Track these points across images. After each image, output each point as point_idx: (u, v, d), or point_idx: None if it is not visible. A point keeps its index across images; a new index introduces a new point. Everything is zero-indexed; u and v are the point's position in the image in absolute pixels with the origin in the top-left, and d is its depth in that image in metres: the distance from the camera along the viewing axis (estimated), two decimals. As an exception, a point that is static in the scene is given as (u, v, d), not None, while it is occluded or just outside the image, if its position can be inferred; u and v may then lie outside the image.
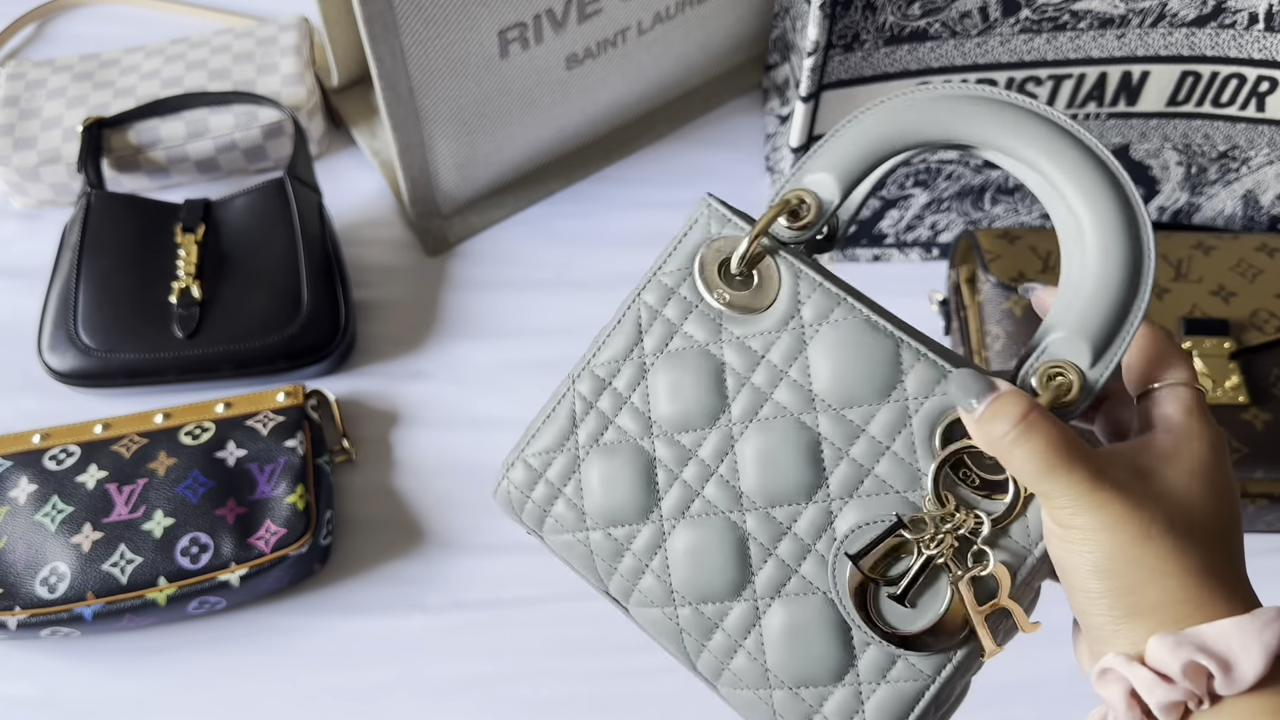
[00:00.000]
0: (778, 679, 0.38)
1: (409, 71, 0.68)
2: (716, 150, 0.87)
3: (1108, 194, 0.35)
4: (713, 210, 0.41)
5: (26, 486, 0.65)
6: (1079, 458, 0.33)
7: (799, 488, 0.38)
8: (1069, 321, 0.35)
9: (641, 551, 0.41)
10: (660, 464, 0.41)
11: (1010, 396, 0.34)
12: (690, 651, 0.41)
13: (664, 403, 0.40)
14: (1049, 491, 0.33)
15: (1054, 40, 0.66)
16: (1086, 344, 0.35)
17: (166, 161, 0.81)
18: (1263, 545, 0.69)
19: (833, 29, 0.64)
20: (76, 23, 0.94)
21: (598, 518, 0.42)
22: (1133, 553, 0.32)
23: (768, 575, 0.39)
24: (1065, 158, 0.36)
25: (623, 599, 0.42)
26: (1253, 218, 0.79)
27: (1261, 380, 0.67)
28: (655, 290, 0.42)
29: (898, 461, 0.37)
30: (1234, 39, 0.66)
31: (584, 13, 0.73)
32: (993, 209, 0.78)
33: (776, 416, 0.39)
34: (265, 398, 0.70)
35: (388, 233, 0.83)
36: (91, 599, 0.62)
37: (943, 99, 0.37)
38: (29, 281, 0.79)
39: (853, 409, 0.38)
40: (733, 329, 0.40)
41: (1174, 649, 0.31)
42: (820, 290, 0.39)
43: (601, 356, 0.42)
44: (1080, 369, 0.35)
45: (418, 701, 0.65)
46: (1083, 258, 0.35)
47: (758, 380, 0.39)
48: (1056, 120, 0.36)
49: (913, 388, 0.37)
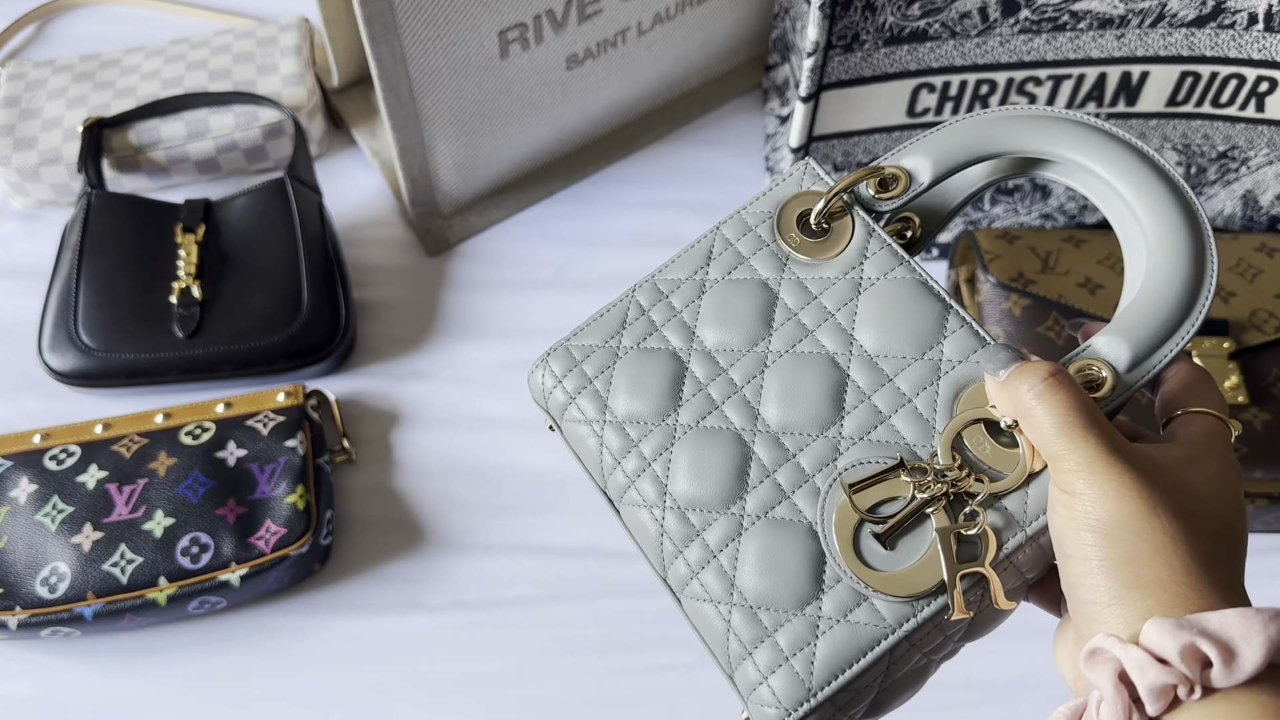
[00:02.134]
0: (741, 596, 0.39)
1: (409, 72, 0.69)
2: (716, 150, 0.87)
3: (1176, 214, 0.37)
4: (809, 169, 0.44)
5: (27, 486, 0.65)
6: (1097, 423, 0.34)
7: (815, 421, 0.40)
8: (1117, 324, 0.37)
9: (648, 452, 0.42)
10: (690, 374, 0.42)
11: (1039, 362, 0.36)
12: (666, 557, 0.41)
13: (711, 322, 0.42)
14: (1062, 452, 0.34)
15: (1054, 41, 0.66)
16: (1128, 347, 0.37)
17: (167, 162, 0.81)
18: (1263, 545, 0.69)
19: (832, 29, 0.64)
20: (77, 23, 0.94)
21: (618, 413, 0.43)
22: (1137, 524, 0.32)
23: (760, 496, 0.39)
24: (1136, 176, 0.38)
25: (616, 497, 0.43)
26: (1252, 218, 0.79)
27: (1261, 380, 0.67)
28: (735, 225, 0.44)
29: (916, 416, 0.38)
30: (1233, 39, 0.66)
31: (584, 13, 0.73)
32: (992, 209, 0.78)
33: (813, 352, 0.41)
34: (265, 398, 0.70)
35: (388, 233, 0.83)
36: (92, 599, 0.62)
37: (1030, 116, 0.40)
38: (29, 281, 0.79)
39: (886, 358, 0.39)
40: (795, 270, 0.42)
41: (1174, 631, 0.31)
42: (887, 249, 0.41)
43: (667, 273, 0.44)
44: (1116, 369, 0.36)
45: (418, 701, 0.65)
46: (1145, 273, 0.37)
47: (805, 317, 0.41)
48: (1133, 143, 0.39)
49: (950, 350, 0.39)
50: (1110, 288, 0.69)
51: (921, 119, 0.71)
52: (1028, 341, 0.68)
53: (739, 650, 0.38)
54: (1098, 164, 0.39)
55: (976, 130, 0.41)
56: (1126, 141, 0.39)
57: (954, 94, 0.69)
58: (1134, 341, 0.37)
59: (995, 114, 0.41)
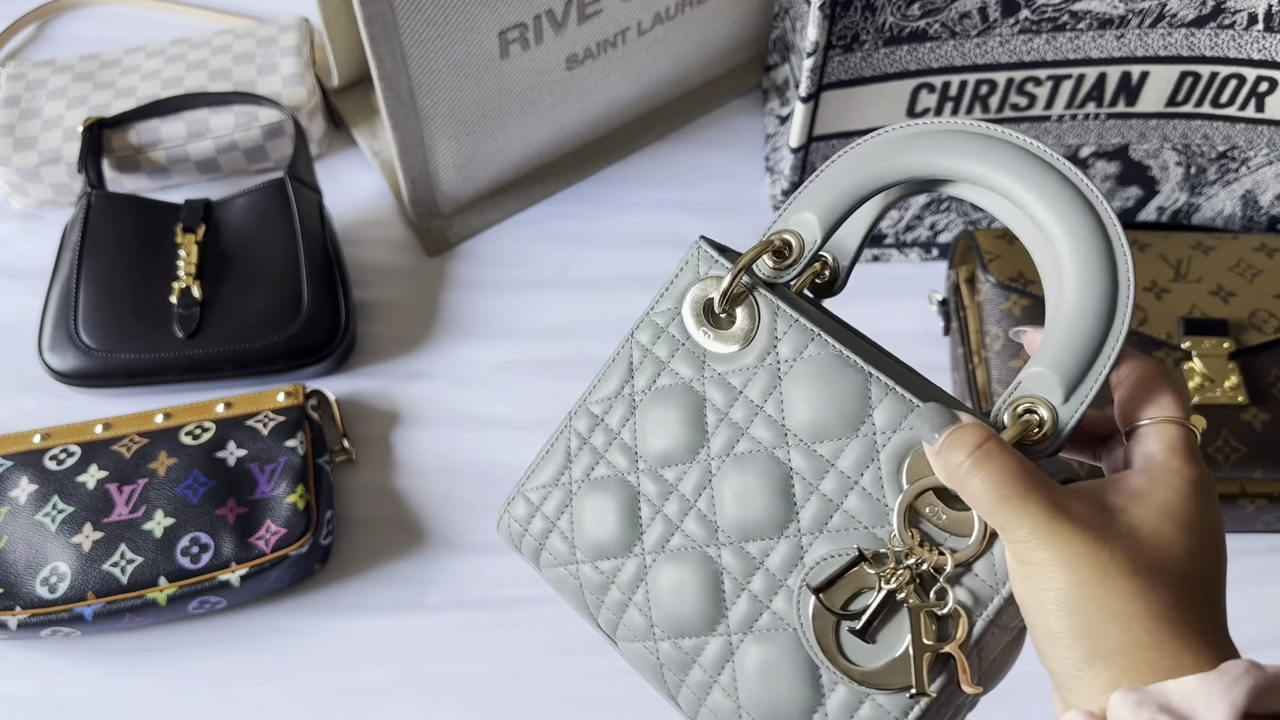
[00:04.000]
0: (750, 716, 0.38)
1: (409, 72, 0.69)
2: (716, 150, 0.87)
3: (1085, 225, 0.35)
4: (702, 252, 0.42)
5: (27, 486, 0.65)
6: (1035, 488, 0.32)
7: (771, 522, 0.39)
8: (1044, 357, 0.35)
9: (625, 585, 0.42)
10: (644, 498, 0.41)
11: (969, 427, 0.34)
12: (671, 687, 0.41)
13: (651, 438, 0.41)
14: (1006, 524, 0.32)
15: (1053, 41, 0.66)
16: (1059, 380, 0.34)
17: (167, 162, 0.81)
18: (1263, 545, 0.69)
19: (832, 29, 0.64)
20: (77, 23, 0.94)
21: (586, 551, 0.43)
22: (1091, 591, 0.31)
23: (741, 610, 0.39)
24: (1043, 188, 0.35)
25: (610, 632, 0.43)
26: (1252, 218, 0.79)
27: (1261, 380, 0.67)
28: (647, 329, 0.43)
29: (865, 497, 0.37)
30: (1233, 39, 0.66)
31: (584, 13, 0.73)
32: (992, 209, 0.78)
33: (752, 451, 0.39)
34: (266, 398, 0.70)
35: (388, 233, 0.83)
36: (92, 599, 0.62)
37: (920, 134, 0.37)
38: (29, 281, 0.79)
39: (823, 443, 0.38)
40: (715, 366, 0.41)
41: (1136, 708, 0.30)
42: (796, 326, 0.39)
43: (596, 394, 0.43)
44: (1053, 405, 0.35)
45: (418, 701, 0.65)
46: (1060, 292, 0.35)
47: (735, 415, 0.40)
48: (1035, 151, 0.35)
49: (880, 422, 0.37)
50: (1110, 288, 0.69)
51: (922, 119, 0.71)
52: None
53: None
54: (992, 176, 0.36)
55: (857, 168, 0.38)
56: (1021, 147, 0.36)
57: (954, 94, 0.70)
58: (1063, 371, 0.34)
59: (875, 141, 0.38)
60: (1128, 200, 0.78)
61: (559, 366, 0.76)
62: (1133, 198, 0.78)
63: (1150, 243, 0.72)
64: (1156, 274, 0.70)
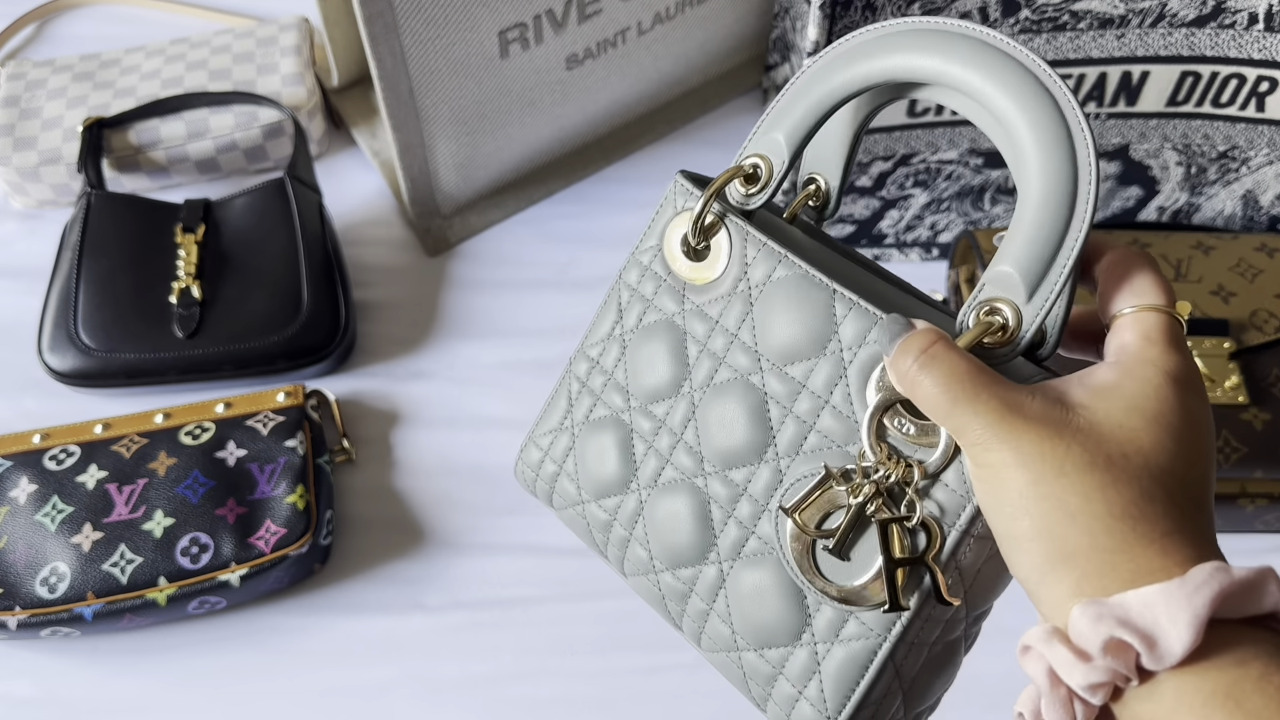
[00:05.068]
0: (745, 641, 0.39)
1: (409, 72, 0.69)
2: (716, 150, 0.87)
3: (1042, 113, 0.33)
4: (679, 185, 0.42)
5: (27, 486, 0.65)
6: (987, 387, 0.31)
7: (752, 448, 0.39)
8: (1007, 255, 0.33)
9: (626, 521, 0.42)
10: (638, 435, 0.42)
11: (918, 333, 0.33)
12: (674, 616, 0.42)
13: (640, 375, 0.42)
14: (959, 426, 0.31)
15: (1054, 40, 0.66)
16: (1021, 278, 0.33)
17: (167, 162, 0.81)
18: (1263, 545, 0.69)
19: (833, 29, 0.64)
20: (76, 23, 0.94)
21: (591, 491, 0.43)
22: (1046, 489, 0.29)
23: (729, 538, 0.39)
24: (1001, 78, 0.33)
25: (619, 569, 0.43)
26: (1252, 218, 0.79)
27: (1261, 380, 0.67)
28: (633, 268, 0.43)
29: (837, 414, 0.37)
30: (1234, 39, 0.66)
31: (584, 13, 0.73)
32: (992, 209, 0.78)
33: (730, 380, 0.39)
34: (265, 398, 0.70)
35: (388, 233, 0.83)
36: (92, 599, 0.62)
37: (878, 38, 0.36)
38: (29, 281, 0.79)
39: (795, 365, 0.38)
40: (694, 298, 0.41)
41: (1095, 622, 0.28)
42: (765, 250, 0.39)
43: (591, 337, 0.44)
44: (1016, 305, 0.33)
45: (418, 701, 0.65)
46: (1024, 186, 0.33)
47: (714, 345, 0.40)
48: (992, 42, 0.34)
49: (846, 338, 0.37)
50: (1110, 288, 0.69)
51: (922, 119, 0.71)
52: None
53: (760, 692, 0.38)
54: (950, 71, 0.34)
55: (816, 80, 0.37)
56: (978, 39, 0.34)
57: (954, 94, 0.69)
58: (1024, 267, 0.33)
59: (835, 51, 0.37)
60: (1128, 200, 0.78)
61: (559, 366, 0.76)
62: (1133, 197, 0.78)
63: (1150, 243, 0.72)
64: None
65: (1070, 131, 0.32)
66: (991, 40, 0.34)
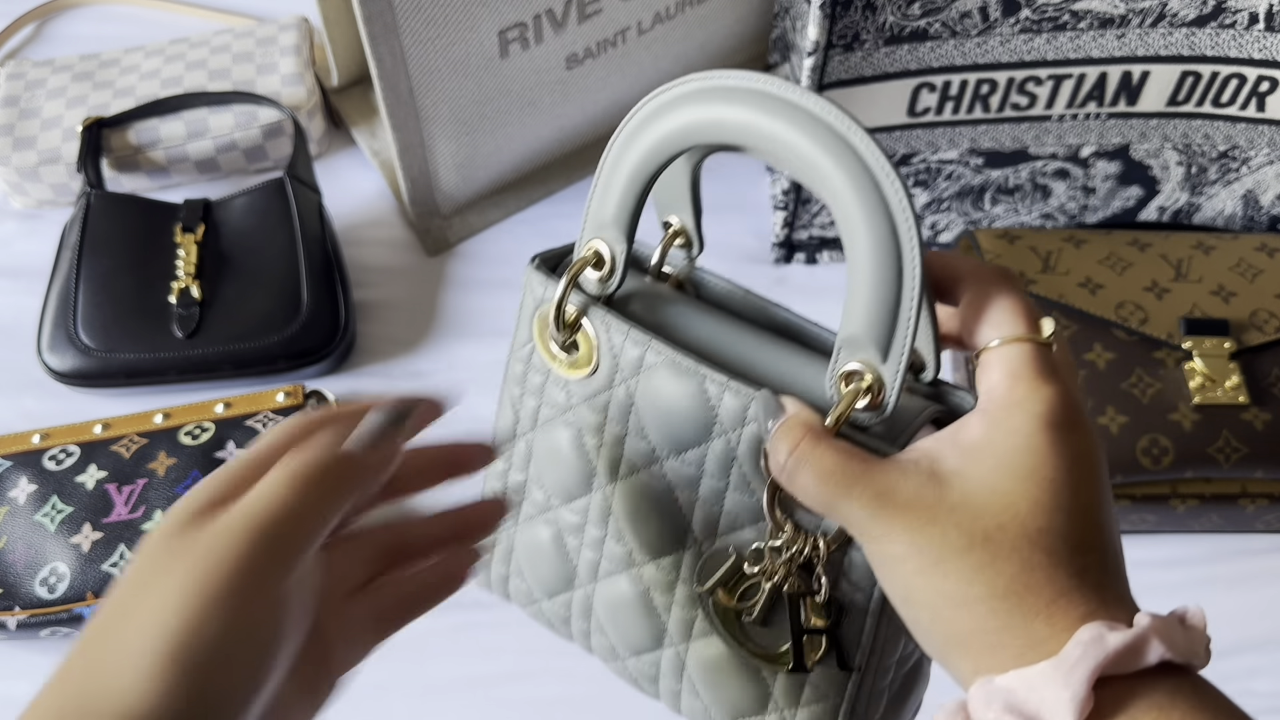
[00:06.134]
0: (719, 713, 0.39)
1: (409, 72, 0.68)
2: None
3: (846, 169, 0.31)
4: (534, 274, 0.40)
5: (26, 486, 0.65)
6: (857, 480, 0.30)
7: (672, 536, 0.38)
8: (850, 319, 0.32)
9: (580, 614, 0.42)
10: (566, 530, 0.41)
11: (784, 427, 0.32)
12: (653, 693, 0.42)
13: (552, 472, 0.41)
14: (840, 520, 0.31)
15: (1054, 40, 0.66)
16: (870, 341, 0.32)
17: (166, 161, 0.81)
18: (1264, 545, 0.69)
19: (833, 29, 0.64)
20: (76, 23, 0.94)
21: (540, 589, 0.43)
22: (927, 580, 0.29)
23: (676, 621, 0.39)
24: (808, 134, 0.31)
25: (595, 655, 0.44)
26: (1253, 218, 0.79)
27: (1262, 380, 0.67)
28: (516, 363, 0.42)
29: (739, 495, 0.36)
30: (1234, 39, 0.66)
31: (584, 13, 0.73)
32: (993, 209, 0.78)
33: (632, 473, 0.38)
34: (265, 398, 0.69)
35: (388, 233, 0.83)
36: (91, 599, 0.62)
37: (676, 99, 0.34)
38: (29, 281, 0.79)
39: (689, 452, 0.37)
40: (578, 390, 0.39)
41: (986, 704, 0.27)
42: (630, 337, 0.37)
43: (500, 436, 0.43)
44: (874, 366, 0.32)
45: (417, 701, 0.65)
46: (848, 245, 0.31)
47: (608, 438, 0.39)
48: (786, 95, 0.32)
49: (727, 420, 0.35)
50: (1111, 287, 0.69)
51: (922, 118, 0.71)
52: (1028, 341, 0.68)
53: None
54: (760, 124, 0.32)
55: (625, 156, 0.36)
56: (764, 91, 0.32)
57: (954, 93, 0.69)
58: (867, 327, 0.31)
59: (633, 124, 0.35)
60: (1128, 200, 0.78)
61: (559, 366, 0.76)
62: (1134, 197, 0.78)
63: (1151, 242, 0.72)
64: (1157, 273, 0.70)
65: (877, 182, 0.31)
66: (784, 94, 0.31)
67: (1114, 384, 0.66)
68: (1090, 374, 0.67)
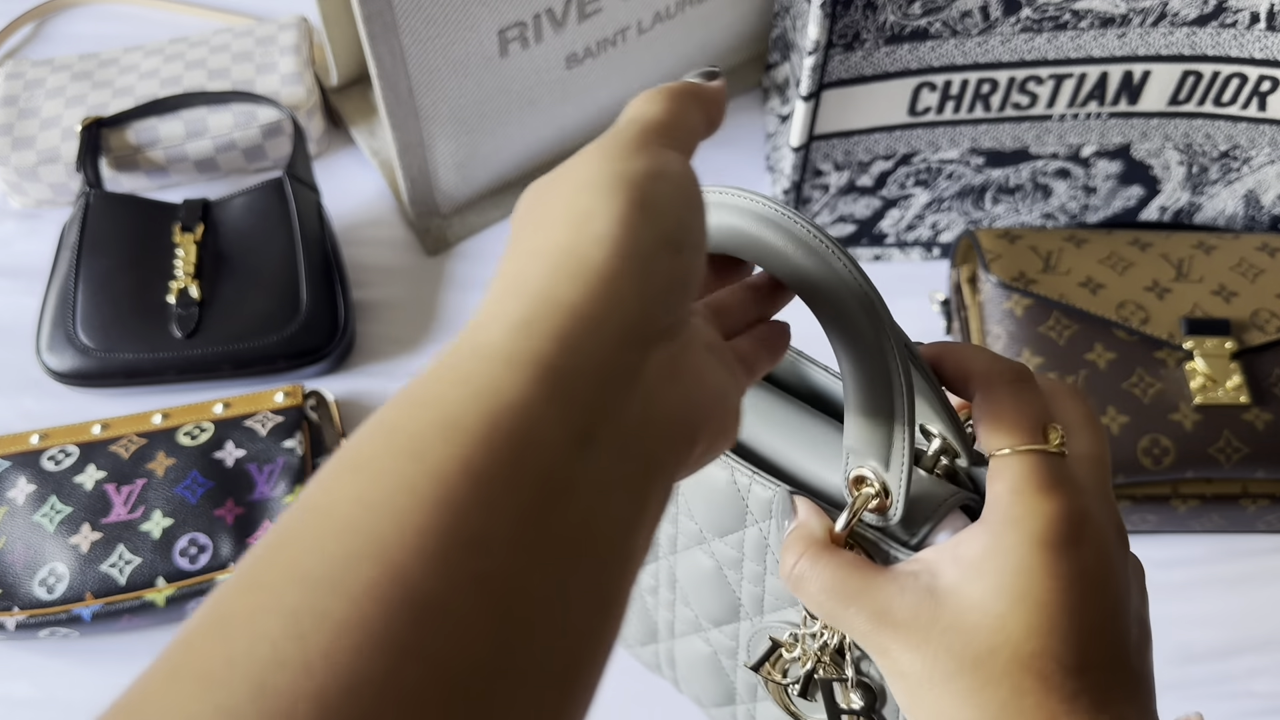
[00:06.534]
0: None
1: (408, 71, 0.68)
2: (716, 149, 0.87)
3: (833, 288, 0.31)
4: None
5: (25, 487, 0.65)
6: (854, 599, 0.30)
7: (728, 607, 0.40)
8: (849, 431, 0.33)
9: (666, 664, 0.46)
10: (645, 591, 0.44)
11: (792, 536, 0.32)
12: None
13: None
14: (845, 631, 0.31)
15: (1055, 39, 0.66)
16: (869, 452, 0.32)
17: (165, 161, 0.81)
18: (1263, 545, 0.69)
19: (833, 28, 0.64)
20: (75, 22, 0.94)
21: (633, 639, 0.47)
22: (920, 699, 0.29)
23: (743, 683, 0.42)
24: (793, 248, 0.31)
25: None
26: (1254, 217, 0.78)
27: (1263, 380, 0.66)
28: None
29: (774, 581, 0.38)
30: (1235, 38, 0.66)
31: (584, 12, 0.72)
32: (994, 208, 0.78)
33: (687, 548, 0.41)
34: (264, 398, 0.69)
35: (387, 232, 0.82)
36: (90, 600, 0.62)
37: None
38: (28, 281, 0.79)
39: (729, 535, 0.38)
40: None
41: None
42: None
43: None
44: (879, 472, 0.32)
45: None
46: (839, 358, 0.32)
47: (667, 518, 0.41)
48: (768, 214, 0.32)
49: (756, 510, 0.37)
50: (1112, 287, 0.69)
51: (923, 118, 0.71)
52: (1030, 341, 0.68)
53: None
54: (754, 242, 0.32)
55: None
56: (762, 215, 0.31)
57: (955, 93, 0.69)
58: (866, 441, 0.32)
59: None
60: (1130, 200, 0.78)
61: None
62: (1135, 197, 0.78)
63: (1152, 242, 0.72)
64: (1158, 273, 0.70)
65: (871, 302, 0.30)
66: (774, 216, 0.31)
67: (1115, 384, 0.66)
68: (1091, 374, 0.67)
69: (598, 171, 0.26)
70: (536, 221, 0.25)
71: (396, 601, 0.18)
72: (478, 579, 0.19)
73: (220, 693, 0.17)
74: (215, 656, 0.18)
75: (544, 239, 0.24)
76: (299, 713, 0.17)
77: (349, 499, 0.20)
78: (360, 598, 0.18)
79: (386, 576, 0.18)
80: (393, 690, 0.17)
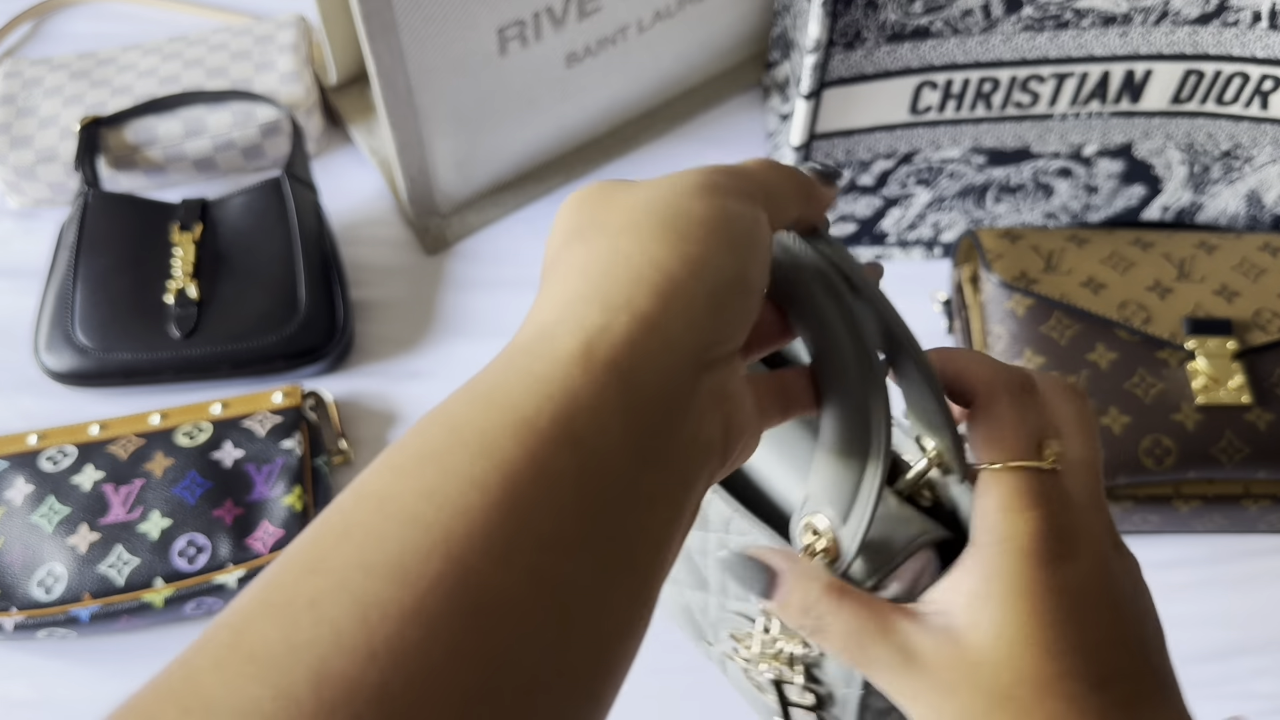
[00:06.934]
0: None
1: (407, 70, 0.68)
2: (717, 149, 0.87)
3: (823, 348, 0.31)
4: None
5: (23, 487, 0.65)
6: (878, 643, 0.29)
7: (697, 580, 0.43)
8: (815, 478, 0.32)
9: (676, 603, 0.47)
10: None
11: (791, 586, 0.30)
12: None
13: None
14: (868, 677, 0.30)
15: (1056, 38, 0.66)
16: (829, 504, 0.31)
17: (164, 160, 0.81)
18: (1265, 546, 0.69)
19: (834, 26, 0.64)
20: (73, 21, 0.94)
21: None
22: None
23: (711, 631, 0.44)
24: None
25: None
26: (1256, 217, 0.78)
27: (1265, 380, 0.66)
28: None
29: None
30: (1237, 38, 0.65)
31: (584, 10, 0.72)
32: (995, 208, 0.78)
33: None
34: (262, 398, 0.69)
35: (386, 232, 0.82)
36: (88, 600, 0.62)
37: None
38: (26, 281, 0.78)
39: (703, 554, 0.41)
40: None
41: None
42: None
43: None
44: (834, 527, 0.31)
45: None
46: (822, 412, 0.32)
47: None
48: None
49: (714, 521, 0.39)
50: (1113, 287, 0.69)
51: (924, 116, 0.70)
52: (1032, 341, 0.68)
53: None
54: None
55: None
56: None
57: (957, 91, 0.69)
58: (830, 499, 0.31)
59: None
60: (1131, 199, 0.78)
61: (558, 366, 0.76)
62: (1136, 196, 0.78)
63: (1154, 241, 0.72)
64: (1160, 273, 0.70)
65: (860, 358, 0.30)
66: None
67: (1117, 384, 0.66)
68: (1093, 374, 0.66)
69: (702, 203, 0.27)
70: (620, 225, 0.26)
71: (462, 598, 0.19)
72: (542, 580, 0.20)
73: (280, 676, 0.17)
74: (274, 639, 0.18)
75: (633, 245, 0.25)
76: (359, 699, 0.17)
77: (413, 491, 0.20)
78: (426, 593, 0.18)
79: (454, 573, 0.19)
80: (454, 685, 0.18)
